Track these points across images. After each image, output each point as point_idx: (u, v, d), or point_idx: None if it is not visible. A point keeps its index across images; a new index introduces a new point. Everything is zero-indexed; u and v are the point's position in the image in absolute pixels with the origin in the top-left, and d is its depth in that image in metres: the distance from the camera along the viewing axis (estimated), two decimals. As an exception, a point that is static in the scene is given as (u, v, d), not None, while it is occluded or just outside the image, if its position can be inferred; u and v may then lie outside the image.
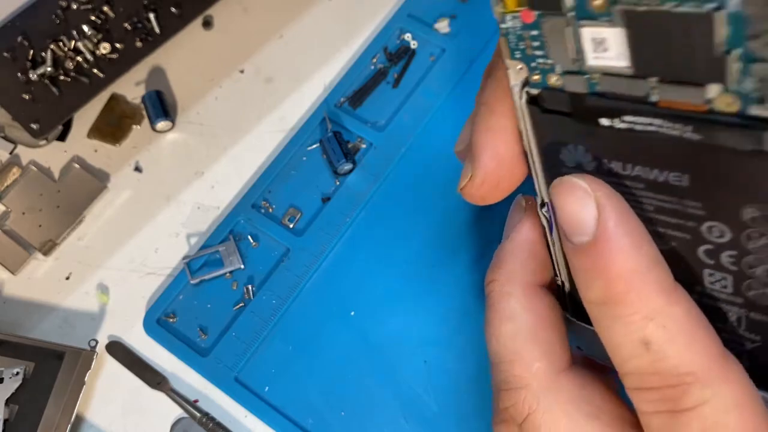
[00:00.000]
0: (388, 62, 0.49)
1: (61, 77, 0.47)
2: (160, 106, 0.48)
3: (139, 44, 0.48)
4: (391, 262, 0.43)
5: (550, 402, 0.24)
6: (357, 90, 0.48)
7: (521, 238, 0.27)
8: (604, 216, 0.21)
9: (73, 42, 0.47)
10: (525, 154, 0.26)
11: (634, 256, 0.20)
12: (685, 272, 0.22)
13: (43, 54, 0.47)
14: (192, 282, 0.43)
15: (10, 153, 0.48)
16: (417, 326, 0.41)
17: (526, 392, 0.24)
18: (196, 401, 0.42)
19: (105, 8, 0.48)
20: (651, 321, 0.20)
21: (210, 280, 0.43)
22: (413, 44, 0.49)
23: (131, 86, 0.50)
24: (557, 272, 0.27)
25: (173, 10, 0.49)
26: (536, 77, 0.24)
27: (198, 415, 0.41)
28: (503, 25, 0.23)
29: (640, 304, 0.20)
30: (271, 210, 0.45)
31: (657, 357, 0.20)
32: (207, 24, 0.52)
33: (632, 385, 0.21)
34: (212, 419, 0.41)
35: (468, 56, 0.48)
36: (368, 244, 0.44)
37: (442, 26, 0.49)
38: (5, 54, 0.47)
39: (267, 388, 0.41)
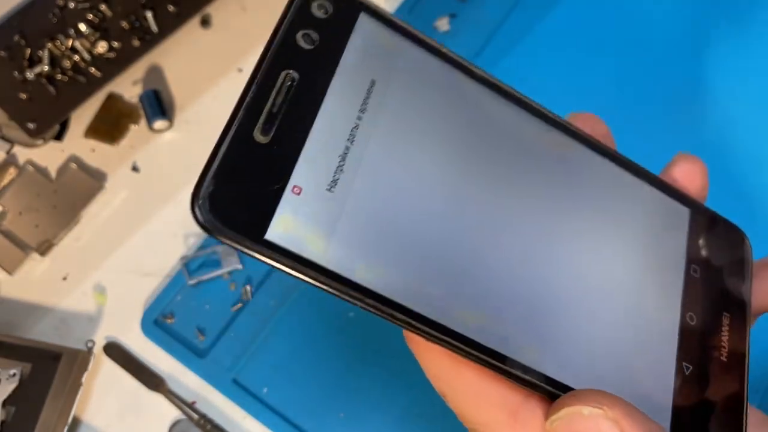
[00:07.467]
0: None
1: (58, 76, 0.47)
2: (158, 105, 0.48)
3: (136, 43, 0.48)
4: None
5: None
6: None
7: None
8: None
9: (70, 41, 0.47)
10: None
11: None
12: None
13: (40, 53, 0.47)
14: (190, 282, 0.43)
15: (7, 153, 0.48)
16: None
17: None
18: (193, 403, 0.41)
19: (102, 7, 0.48)
20: (439, 380, 0.23)
21: (208, 280, 0.43)
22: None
23: (128, 85, 0.50)
24: None
25: (171, 8, 0.49)
26: None
27: (196, 416, 0.41)
28: None
29: (429, 364, 0.23)
30: (269, 210, 0.45)
31: (455, 407, 0.22)
32: (205, 22, 0.52)
33: None
34: (210, 421, 0.40)
35: (467, 55, 0.47)
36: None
37: (442, 24, 0.49)
38: (2, 53, 0.47)
39: (265, 389, 0.41)
